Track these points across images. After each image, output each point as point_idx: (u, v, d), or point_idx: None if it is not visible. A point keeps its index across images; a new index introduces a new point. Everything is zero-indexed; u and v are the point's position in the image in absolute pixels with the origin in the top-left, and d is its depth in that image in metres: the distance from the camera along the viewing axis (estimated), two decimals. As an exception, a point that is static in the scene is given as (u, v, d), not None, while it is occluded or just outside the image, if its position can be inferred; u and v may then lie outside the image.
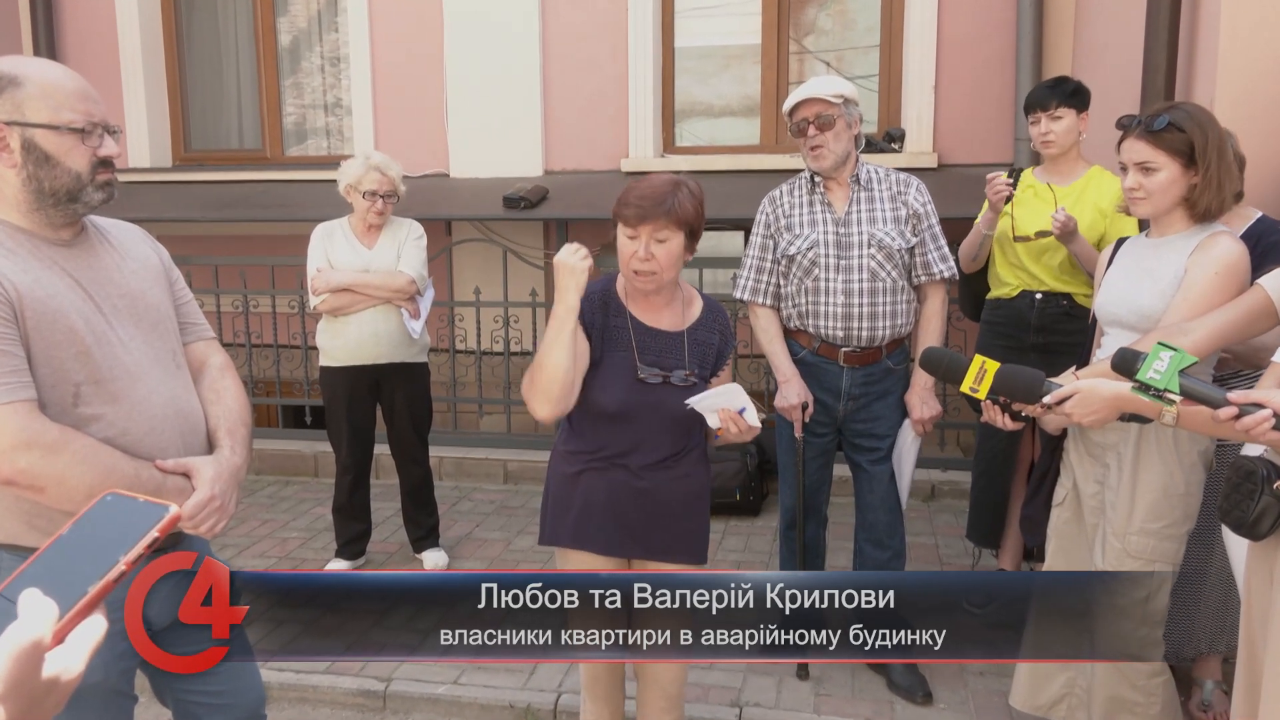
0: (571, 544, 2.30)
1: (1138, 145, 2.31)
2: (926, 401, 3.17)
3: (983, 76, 5.45)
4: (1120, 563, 2.31)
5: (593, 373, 2.24)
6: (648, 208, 2.17)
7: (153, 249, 1.89)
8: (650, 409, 2.24)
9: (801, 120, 3.02)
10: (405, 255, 3.94)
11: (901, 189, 3.10)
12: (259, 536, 4.59)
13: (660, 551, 2.31)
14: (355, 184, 3.85)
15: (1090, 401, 2.07)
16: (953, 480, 4.95)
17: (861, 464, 3.21)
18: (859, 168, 3.10)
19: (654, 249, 2.18)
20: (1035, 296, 3.40)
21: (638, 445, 2.26)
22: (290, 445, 5.59)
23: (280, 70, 6.56)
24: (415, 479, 4.17)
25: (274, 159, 6.56)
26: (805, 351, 3.16)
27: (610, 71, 5.84)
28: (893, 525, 3.22)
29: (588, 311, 2.24)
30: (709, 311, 2.38)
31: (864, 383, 3.13)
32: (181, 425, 1.75)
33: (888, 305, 3.07)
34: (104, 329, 1.69)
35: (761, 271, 3.19)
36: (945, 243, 3.16)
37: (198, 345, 1.92)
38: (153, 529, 0.91)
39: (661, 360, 2.26)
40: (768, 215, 3.18)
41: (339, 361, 3.95)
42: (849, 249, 3.05)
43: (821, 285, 3.07)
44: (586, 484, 2.29)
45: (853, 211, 3.07)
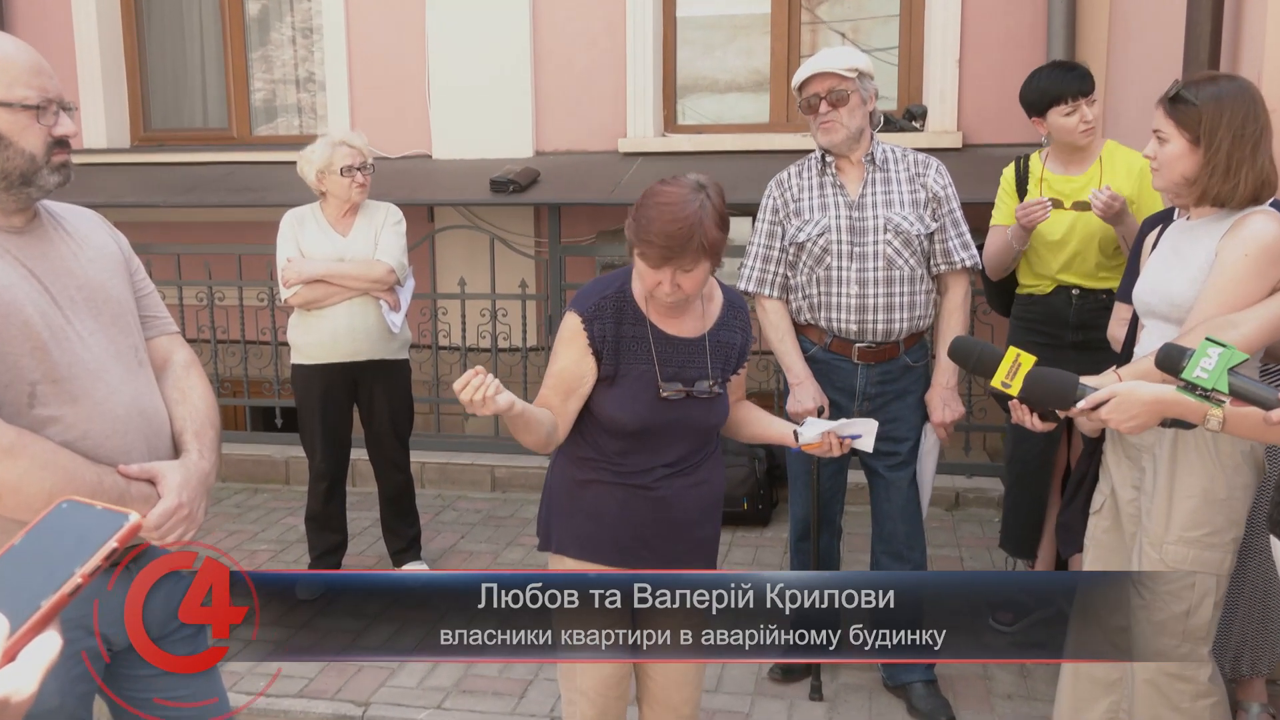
0: (579, 554, 2.30)
1: (1158, 112, 2.34)
2: (949, 403, 3.16)
3: (1011, 49, 5.45)
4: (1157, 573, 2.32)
5: (607, 389, 2.23)
6: (674, 249, 2.09)
7: (111, 236, 1.89)
8: (672, 425, 2.24)
9: (812, 96, 3.02)
10: (383, 243, 3.94)
11: (920, 170, 3.10)
12: (225, 549, 4.56)
13: (674, 562, 2.31)
14: (327, 167, 3.85)
15: (1129, 405, 2.07)
16: (978, 487, 4.96)
17: (878, 470, 3.21)
18: (874, 146, 3.09)
19: (680, 279, 2.14)
20: (1072, 291, 3.39)
21: (655, 458, 2.26)
22: (259, 450, 5.59)
23: (248, 42, 6.55)
24: (395, 486, 4.18)
25: (241, 138, 6.56)
26: (816, 348, 3.15)
27: (607, 43, 5.84)
28: (913, 536, 3.22)
29: (597, 327, 2.21)
30: (729, 308, 2.36)
31: (880, 381, 3.13)
32: (145, 427, 1.75)
33: (905, 296, 3.07)
34: (61, 324, 1.69)
35: (768, 261, 3.18)
36: (967, 229, 3.15)
37: (161, 340, 1.92)
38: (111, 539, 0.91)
39: (683, 372, 2.25)
40: (774, 200, 3.18)
41: (312, 359, 3.96)
42: (863, 234, 3.05)
43: (834, 275, 3.07)
44: (597, 492, 2.29)
45: (867, 194, 3.06)
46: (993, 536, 4.30)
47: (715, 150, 5.72)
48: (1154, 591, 2.33)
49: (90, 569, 0.89)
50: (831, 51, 3.07)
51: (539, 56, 5.92)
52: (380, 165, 4.05)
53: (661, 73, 5.93)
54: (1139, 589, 2.36)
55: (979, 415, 5.06)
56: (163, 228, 6.26)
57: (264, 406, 5.85)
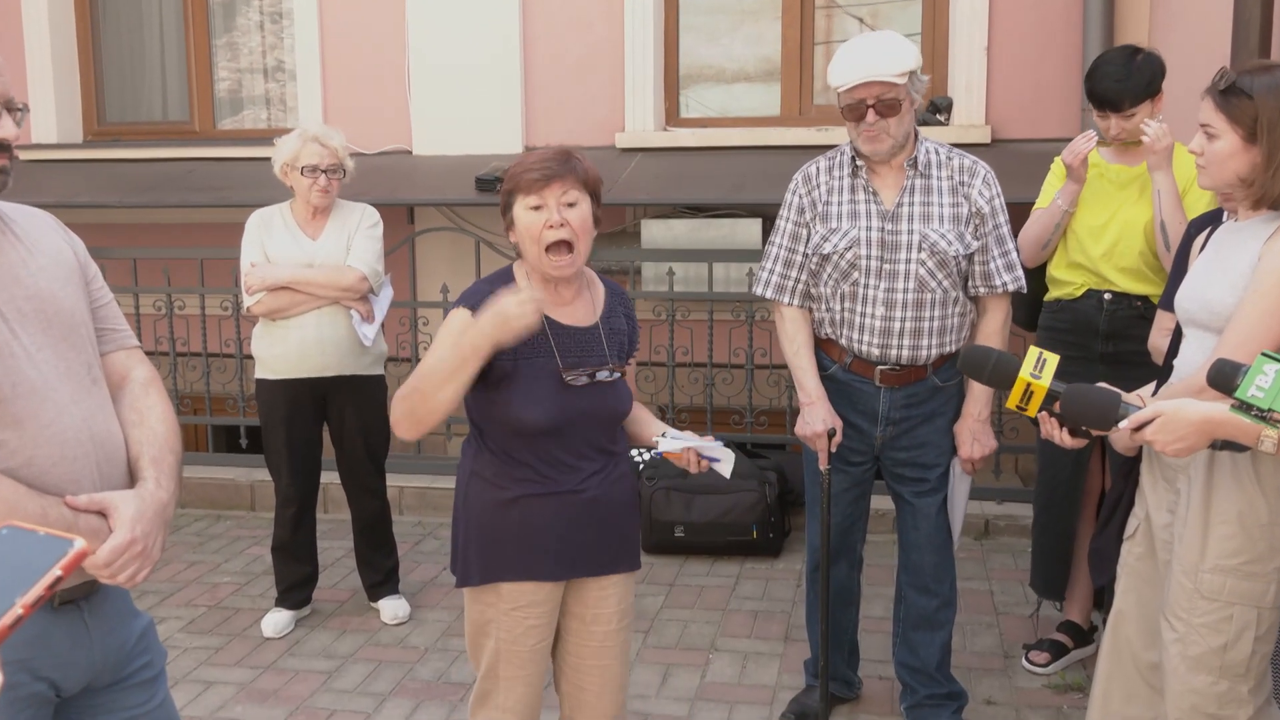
0: (517, 576, 2.40)
1: (1206, 105, 2.31)
2: (979, 437, 3.11)
3: (1044, 36, 5.47)
4: (1191, 605, 2.29)
5: (511, 389, 2.33)
6: (553, 167, 2.30)
7: (66, 241, 1.87)
8: (582, 415, 2.38)
9: (857, 102, 2.89)
10: (356, 247, 3.94)
11: (965, 179, 3.01)
12: (184, 582, 4.58)
13: (609, 564, 2.48)
14: (292, 161, 3.86)
15: (1176, 426, 2.05)
16: (1010, 514, 4.95)
17: (905, 496, 3.20)
18: (918, 148, 3.00)
19: (566, 214, 2.29)
20: (1104, 297, 3.40)
21: (575, 455, 2.39)
22: (222, 473, 5.58)
23: (211, 28, 6.57)
24: (370, 513, 4.17)
25: (204, 133, 6.57)
26: (835, 366, 3.12)
27: (603, 28, 5.86)
28: (941, 568, 3.21)
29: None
30: (612, 296, 2.53)
31: (906, 405, 3.09)
32: (98, 453, 1.74)
33: (935, 321, 3.02)
34: (6, 338, 1.68)
35: (790, 265, 3.12)
36: (1014, 247, 3.09)
37: (118, 355, 1.90)
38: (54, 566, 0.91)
39: (584, 360, 2.39)
40: (800, 198, 3.09)
41: (278, 373, 3.96)
42: (895, 250, 2.98)
43: (860, 292, 3.01)
44: (525, 507, 2.39)
45: (904, 204, 2.99)
46: (1025, 569, 4.28)
47: (721, 145, 5.73)
48: (1188, 624, 2.32)
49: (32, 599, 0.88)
50: (877, 49, 2.90)
51: (529, 43, 5.94)
52: (356, 162, 4.05)
53: (663, 61, 5.95)
54: (1172, 621, 2.36)
55: (1010, 435, 5.05)
56: (118, 230, 6.26)
57: (227, 425, 5.84)
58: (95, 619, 1.76)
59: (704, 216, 5.49)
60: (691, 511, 4.73)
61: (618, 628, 2.53)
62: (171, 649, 3.89)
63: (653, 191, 5.42)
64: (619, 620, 2.53)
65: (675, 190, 5.44)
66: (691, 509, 4.73)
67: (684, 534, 4.72)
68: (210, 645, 3.98)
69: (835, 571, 3.25)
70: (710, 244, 5.36)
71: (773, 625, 4.09)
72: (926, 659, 3.23)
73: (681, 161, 5.65)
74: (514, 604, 2.41)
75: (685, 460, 2.40)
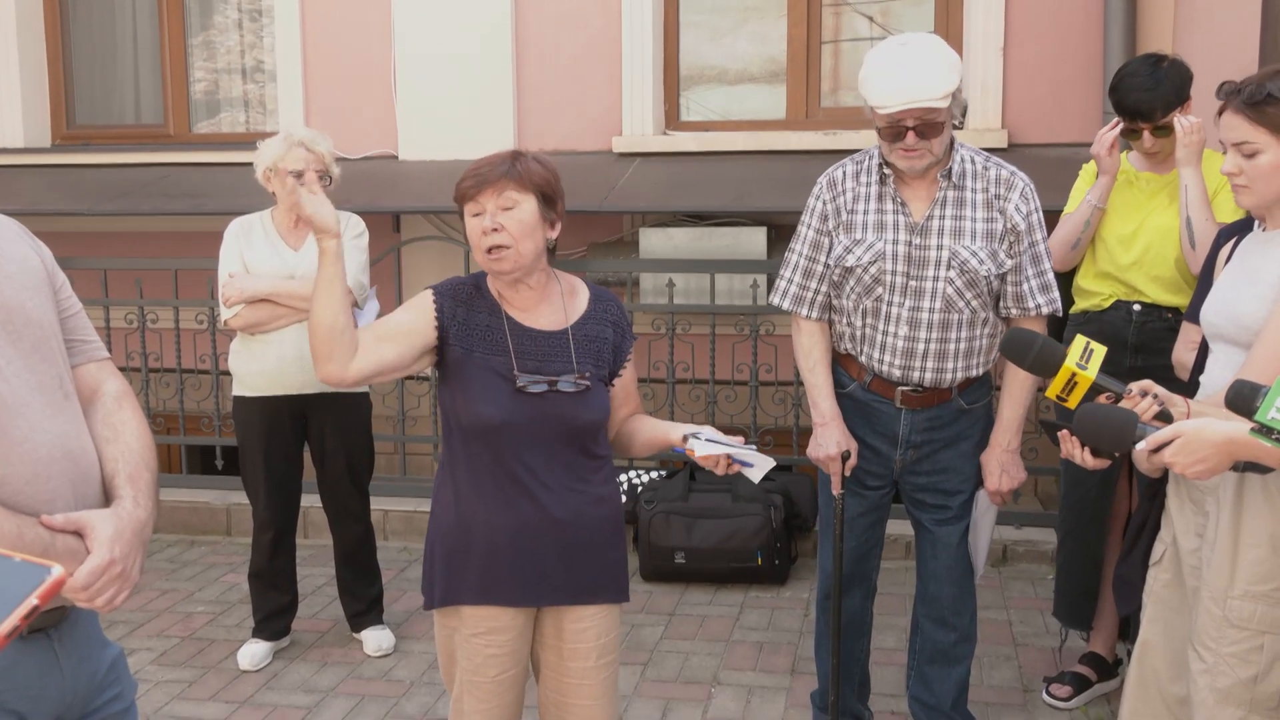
0: (477, 599, 2.42)
1: (1235, 121, 2.32)
2: (1008, 468, 3.09)
3: (1063, 34, 5.50)
4: (1220, 633, 2.30)
5: (463, 386, 2.40)
6: (484, 173, 2.40)
7: (33, 249, 1.88)
8: (539, 422, 2.40)
9: (897, 124, 2.83)
10: (342, 257, 3.95)
11: (1001, 192, 2.97)
12: (156, 611, 4.58)
13: (584, 593, 2.46)
14: (275, 166, 3.88)
15: (1196, 447, 2.06)
16: (1029, 540, 4.96)
17: (925, 523, 3.19)
18: (954, 157, 2.96)
19: (501, 218, 2.37)
20: (1133, 308, 3.42)
21: (532, 464, 2.40)
22: (196, 495, 5.57)
23: (187, 26, 6.59)
24: (353, 538, 4.17)
25: (178, 136, 6.59)
26: (854, 384, 3.12)
27: (599, 26, 5.89)
28: (961, 601, 3.20)
29: (448, 304, 2.45)
30: (597, 303, 2.55)
31: (928, 428, 3.09)
32: (72, 471, 1.74)
33: (961, 343, 3.00)
34: (-26, 352, 1.69)
35: (809, 275, 3.09)
36: (1050, 267, 3.05)
37: (89, 368, 1.91)
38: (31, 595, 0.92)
39: (545, 366, 2.43)
40: (825, 204, 3.06)
41: (255, 390, 3.96)
42: (922, 267, 2.95)
43: (883, 309, 2.99)
44: (488, 524, 2.41)
45: (934, 217, 2.95)
46: (1046, 597, 4.29)
47: (724, 150, 5.74)
48: (1216, 654, 2.33)
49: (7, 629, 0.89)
50: (923, 67, 2.79)
51: (521, 42, 5.96)
52: (339, 167, 4.06)
53: (662, 61, 5.97)
54: (1200, 651, 2.36)
55: (1029, 457, 5.04)
56: (87, 239, 6.27)
57: (202, 445, 5.84)
58: (65, 648, 1.76)
59: (705, 225, 5.50)
60: (692, 537, 4.73)
61: (597, 664, 2.50)
62: (142, 682, 3.88)
63: (652, 198, 5.44)
64: (598, 656, 2.50)
65: (675, 197, 5.46)
66: (692, 534, 4.73)
67: (685, 560, 4.72)
68: (183, 678, 3.97)
69: (848, 600, 3.24)
70: (712, 254, 5.37)
71: (779, 657, 4.09)
72: (941, 695, 3.22)
73: (682, 167, 5.67)
74: (474, 629, 2.43)
75: (713, 461, 2.39)
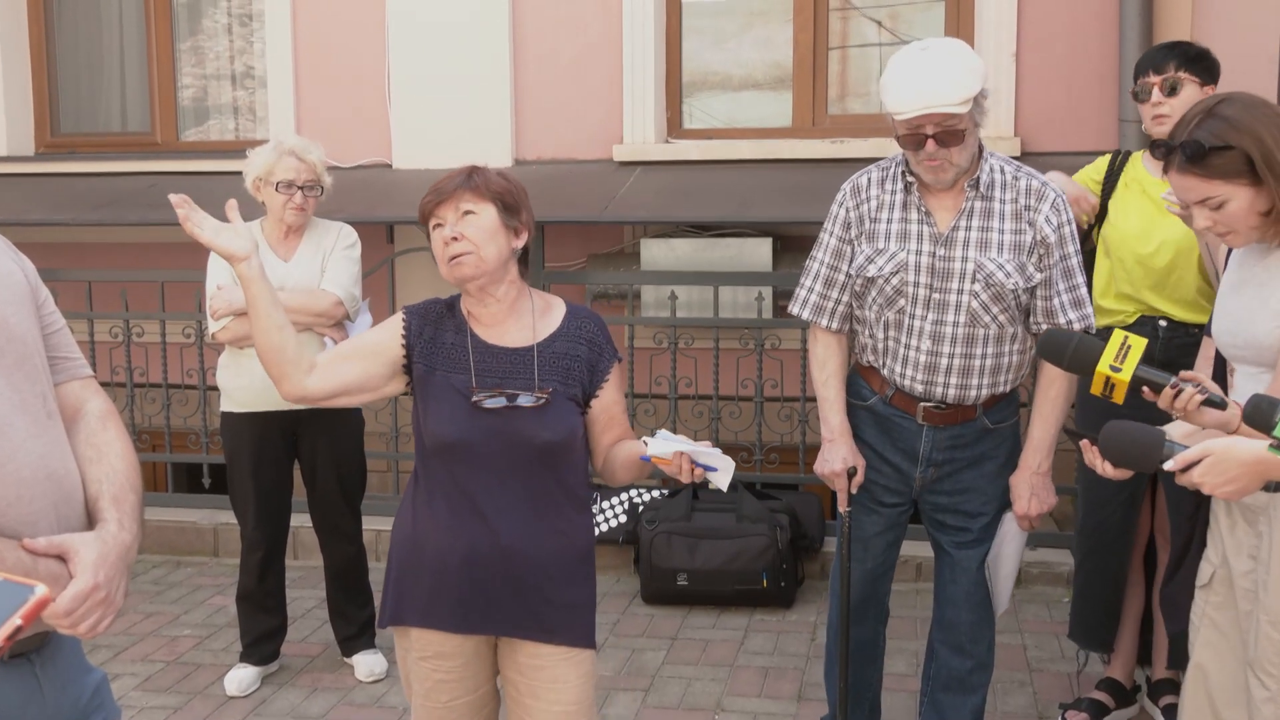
0: (421, 621, 2.43)
1: (1187, 182, 2.28)
2: (1039, 491, 3.06)
3: (1077, 40, 5.51)
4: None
5: (425, 402, 2.45)
6: (443, 187, 2.47)
7: (16, 262, 1.88)
8: (495, 438, 2.41)
9: (917, 132, 2.83)
10: (332, 269, 3.97)
11: (1031, 203, 2.95)
12: (141, 635, 4.57)
13: (537, 629, 2.44)
14: (265, 175, 3.89)
15: (1225, 466, 2.06)
16: (1044, 561, 4.95)
17: (944, 546, 3.18)
18: (981, 166, 2.95)
19: (460, 226, 2.44)
20: (1159, 324, 3.39)
21: (488, 486, 2.42)
22: (183, 515, 5.57)
23: (175, 31, 6.61)
24: (344, 559, 4.17)
25: (166, 145, 6.61)
26: (875, 398, 3.10)
27: (600, 31, 5.91)
28: (979, 628, 3.18)
29: (415, 323, 2.55)
30: (573, 320, 2.57)
31: (951, 446, 3.07)
32: (55, 492, 1.74)
33: (987, 359, 2.98)
34: (-47, 368, 1.69)
35: (830, 285, 3.08)
36: (1083, 281, 3.02)
37: (72, 386, 1.91)
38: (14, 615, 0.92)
39: (506, 383, 2.45)
40: (848, 211, 3.05)
41: (244, 406, 3.97)
42: (946, 279, 2.94)
43: (905, 321, 2.98)
44: (438, 544, 2.43)
45: (960, 228, 2.94)
46: (1062, 620, 4.28)
47: (728, 159, 5.76)
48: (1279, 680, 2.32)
49: None
50: (941, 71, 2.78)
51: (519, 47, 5.98)
52: (332, 176, 4.08)
53: (665, 67, 5.99)
54: (1263, 679, 2.35)
55: (1044, 474, 5.05)
56: (72, 250, 6.28)
57: (189, 463, 5.84)
58: (48, 673, 1.76)
59: (709, 236, 5.52)
60: (695, 558, 4.72)
61: (559, 711, 2.44)
62: (126, 709, 3.88)
63: (653, 209, 5.45)
64: (559, 704, 2.43)
65: (678, 207, 5.47)
66: (695, 555, 4.72)
67: (687, 582, 4.71)
68: (168, 704, 3.97)
69: (861, 626, 3.23)
70: (716, 266, 5.38)
71: (785, 683, 4.08)
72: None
73: (684, 176, 5.68)
74: (421, 652, 2.46)
75: (676, 467, 2.32)
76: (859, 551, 3.17)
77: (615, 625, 4.50)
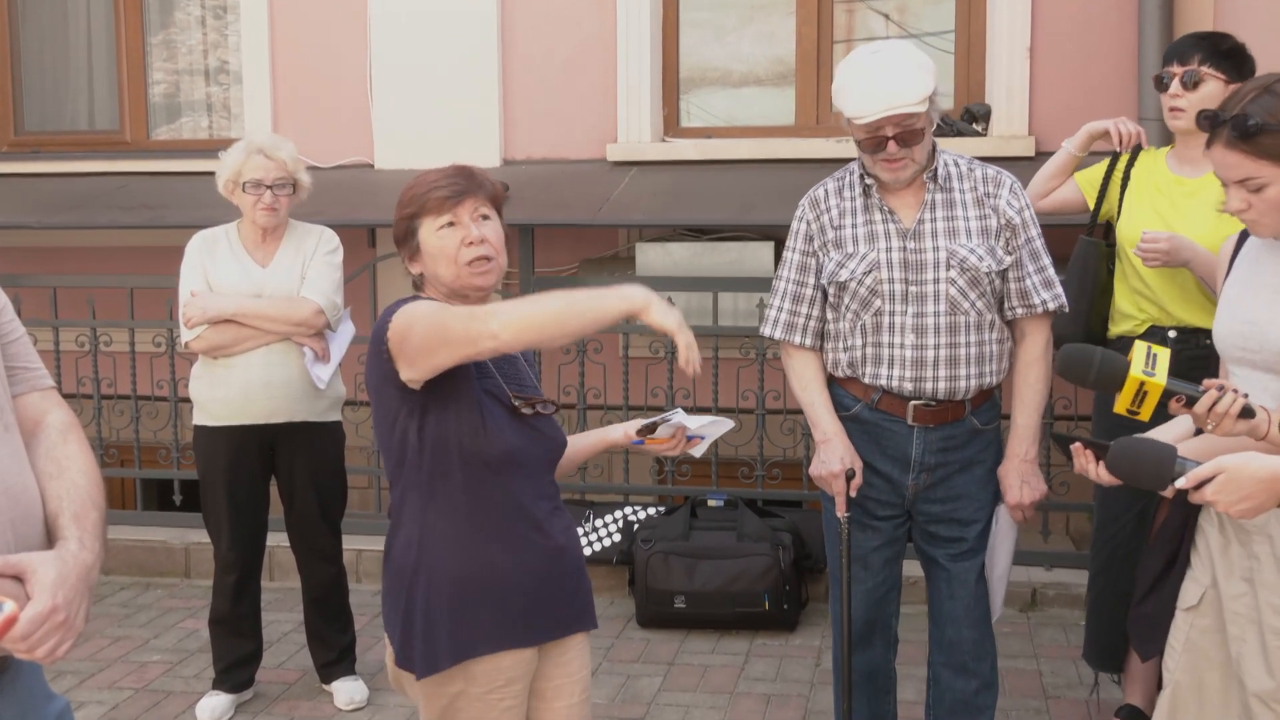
0: (491, 647, 2.39)
1: (1231, 158, 2.27)
2: (1028, 479, 3.14)
3: (1094, 34, 5.52)
4: None
5: (457, 410, 2.37)
6: (463, 183, 2.42)
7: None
8: (533, 446, 2.46)
9: (878, 134, 2.95)
10: (313, 275, 3.97)
11: (990, 190, 3.10)
12: (107, 660, 4.56)
13: (573, 623, 2.53)
14: (234, 177, 3.89)
15: (1240, 483, 2.06)
16: (1060, 582, 4.94)
17: (939, 560, 3.20)
18: (937, 159, 3.10)
19: (483, 229, 2.41)
20: (1167, 334, 3.42)
21: (534, 493, 2.47)
22: (152, 533, 5.55)
23: (145, 24, 6.61)
24: (323, 581, 4.16)
25: (136, 143, 6.60)
26: (860, 405, 3.15)
27: (593, 25, 5.91)
28: (981, 645, 3.21)
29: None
30: None
31: (941, 449, 3.12)
32: (12, 509, 1.74)
33: (972, 348, 3.07)
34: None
35: (799, 300, 3.19)
36: (1050, 262, 3.16)
37: (31, 398, 1.91)
38: None
39: (523, 387, 2.51)
40: (808, 225, 3.18)
41: (218, 419, 3.96)
42: (921, 271, 3.05)
43: (884, 322, 3.07)
44: (501, 562, 2.41)
45: (925, 220, 3.07)
46: (1079, 645, 4.27)
47: (728, 159, 5.76)
48: None
49: None
50: (898, 72, 2.94)
51: (508, 40, 5.99)
52: (310, 177, 4.07)
53: (661, 62, 6.00)
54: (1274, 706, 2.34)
55: (1059, 491, 5.06)
56: (36, 254, 6.28)
57: (159, 479, 5.83)
58: (6, 701, 1.76)
59: (708, 240, 5.52)
60: (694, 579, 4.71)
61: (581, 700, 2.56)
62: (92, 739, 3.87)
63: (649, 211, 5.45)
64: (581, 692, 2.56)
65: (675, 210, 5.47)
66: (694, 576, 4.72)
67: (685, 605, 4.71)
68: (137, 734, 3.96)
69: (869, 651, 3.25)
70: (715, 271, 5.38)
71: (788, 710, 4.07)
72: (965, 751, 3.22)
73: (682, 176, 5.68)
74: (490, 684, 2.38)
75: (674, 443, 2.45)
76: (858, 571, 3.20)
77: (609, 650, 4.50)
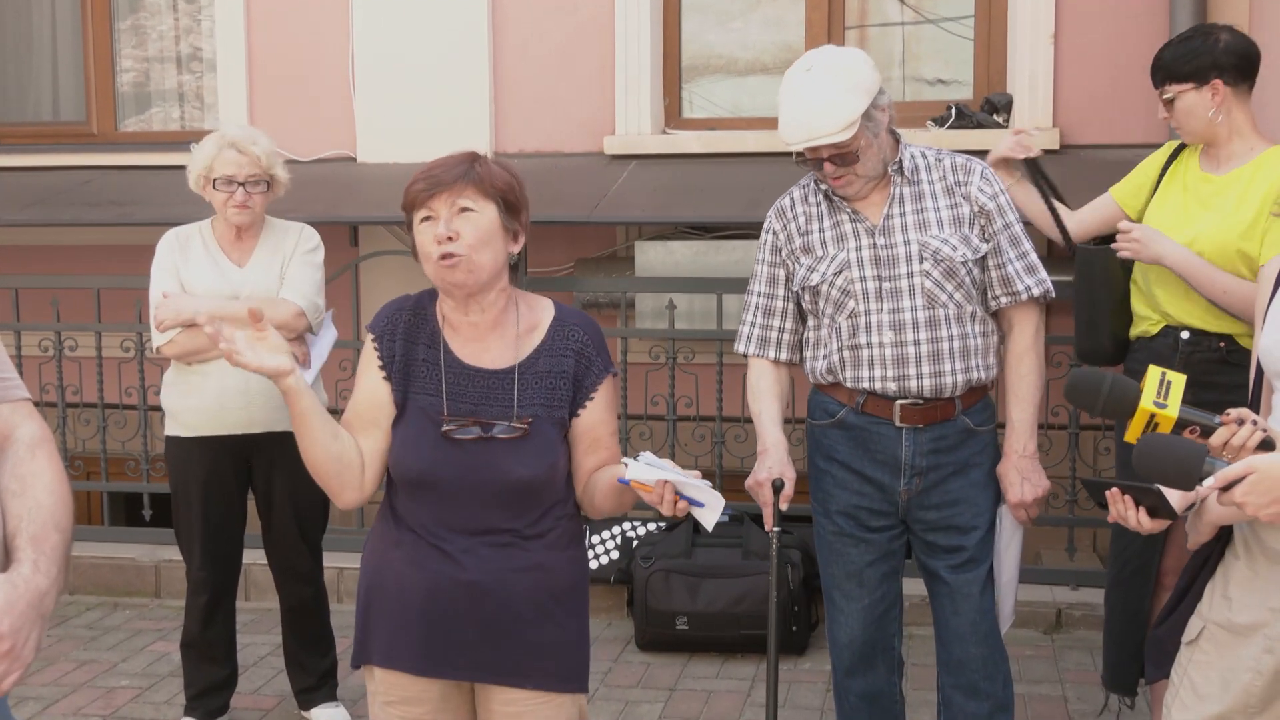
0: (382, 661, 2.46)
1: None
2: (1028, 475, 3.17)
3: (1122, 20, 5.53)
4: None
5: (395, 428, 2.44)
6: (439, 175, 2.41)
7: None
8: (465, 473, 2.41)
9: (814, 155, 3.09)
10: (293, 275, 3.97)
11: (960, 178, 3.18)
12: (73, 685, 4.56)
13: (508, 673, 2.45)
14: (206, 172, 3.89)
15: (1270, 484, 2.07)
16: (1087, 602, 4.94)
17: (940, 573, 3.22)
18: (901, 153, 3.17)
19: (457, 224, 2.38)
20: (1180, 335, 3.45)
21: (455, 522, 2.43)
22: (121, 550, 5.55)
23: (113, 9, 6.62)
24: (301, 601, 4.16)
25: (103, 135, 6.61)
26: (845, 409, 3.19)
27: (589, 10, 5.92)
28: (991, 662, 3.21)
29: (386, 344, 2.49)
30: (559, 329, 2.54)
31: (933, 450, 3.15)
32: (-29, 529, 1.74)
33: (955, 341, 3.11)
34: None
35: (771, 314, 3.28)
36: (1031, 247, 3.21)
37: (0, 410, 1.92)
38: None
39: (481, 410, 2.44)
40: (776, 235, 3.28)
41: (193, 430, 3.97)
42: (894, 266, 3.12)
43: (861, 322, 3.12)
44: (401, 580, 2.44)
45: (894, 215, 3.14)
46: (1106, 669, 4.29)
47: (732, 152, 5.77)
48: None
49: None
50: (816, 104, 3.04)
51: (499, 26, 5.99)
52: (289, 171, 4.08)
53: (662, 50, 6.01)
54: None
55: (1084, 506, 5.06)
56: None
57: (128, 492, 5.83)
58: (-39, 732, 1.76)
59: (711, 238, 5.53)
60: (697, 599, 4.72)
61: None
62: (56, 769, 3.87)
63: (649, 208, 5.46)
64: None
65: (676, 206, 5.48)
66: (697, 596, 4.72)
67: (687, 626, 4.71)
68: (104, 765, 3.97)
69: (870, 674, 3.27)
70: (719, 271, 5.38)
71: (797, 739, 4.08)
72: (979, 780, 3.23)
73: (684, 170, 5.70)
74: (386, 696, 2.49)
75: (657, 497, 2.29)
76: (853, 588, 3.24)
77: (607, 675, 4.50)
